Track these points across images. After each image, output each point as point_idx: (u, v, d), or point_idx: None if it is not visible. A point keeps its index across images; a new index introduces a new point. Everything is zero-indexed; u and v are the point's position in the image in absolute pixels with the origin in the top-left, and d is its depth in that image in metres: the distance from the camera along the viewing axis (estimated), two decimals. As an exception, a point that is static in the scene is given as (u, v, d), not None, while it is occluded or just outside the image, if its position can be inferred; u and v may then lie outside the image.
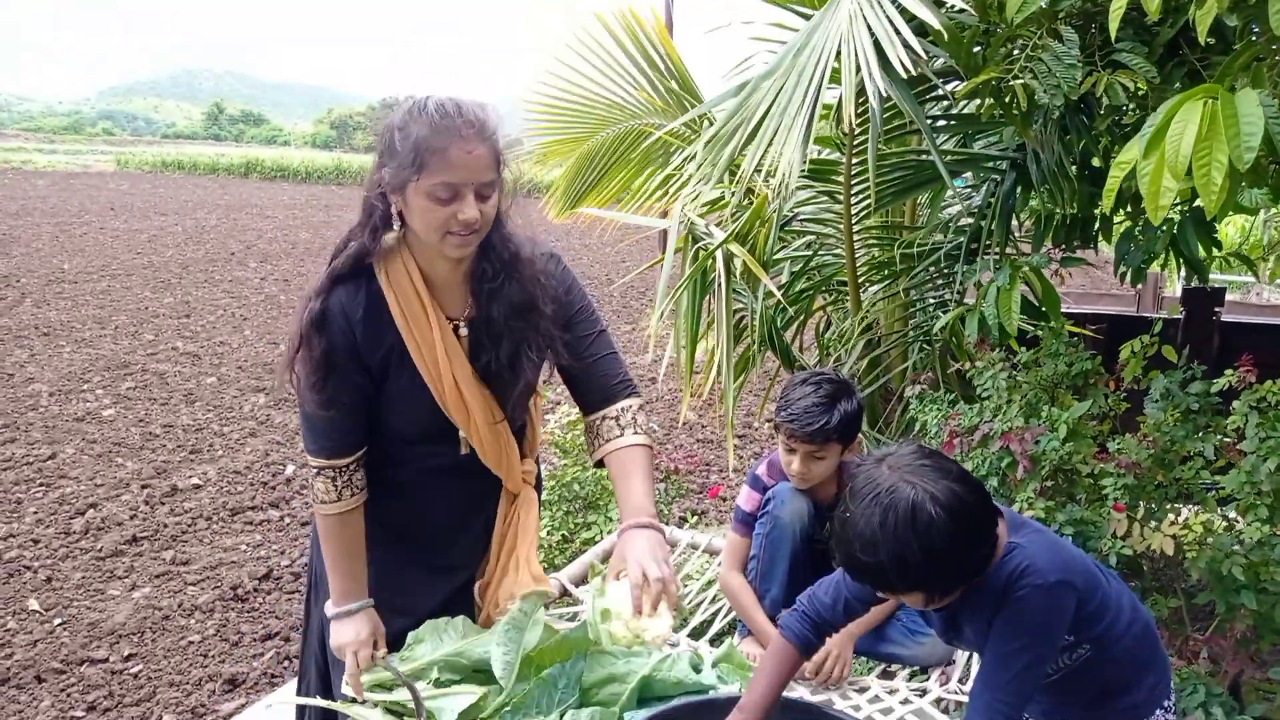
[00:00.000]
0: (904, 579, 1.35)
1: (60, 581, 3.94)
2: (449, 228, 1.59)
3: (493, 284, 1.72)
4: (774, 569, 2.17)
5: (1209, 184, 1.43)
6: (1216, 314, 3.88)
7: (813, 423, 2.03)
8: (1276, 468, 2.20)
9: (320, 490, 1.76)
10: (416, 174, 1.55)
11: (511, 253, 1.73)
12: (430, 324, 1.71)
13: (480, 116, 1.58)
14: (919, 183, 3.25)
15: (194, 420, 6.15)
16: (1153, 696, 1.57)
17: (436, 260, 1.70)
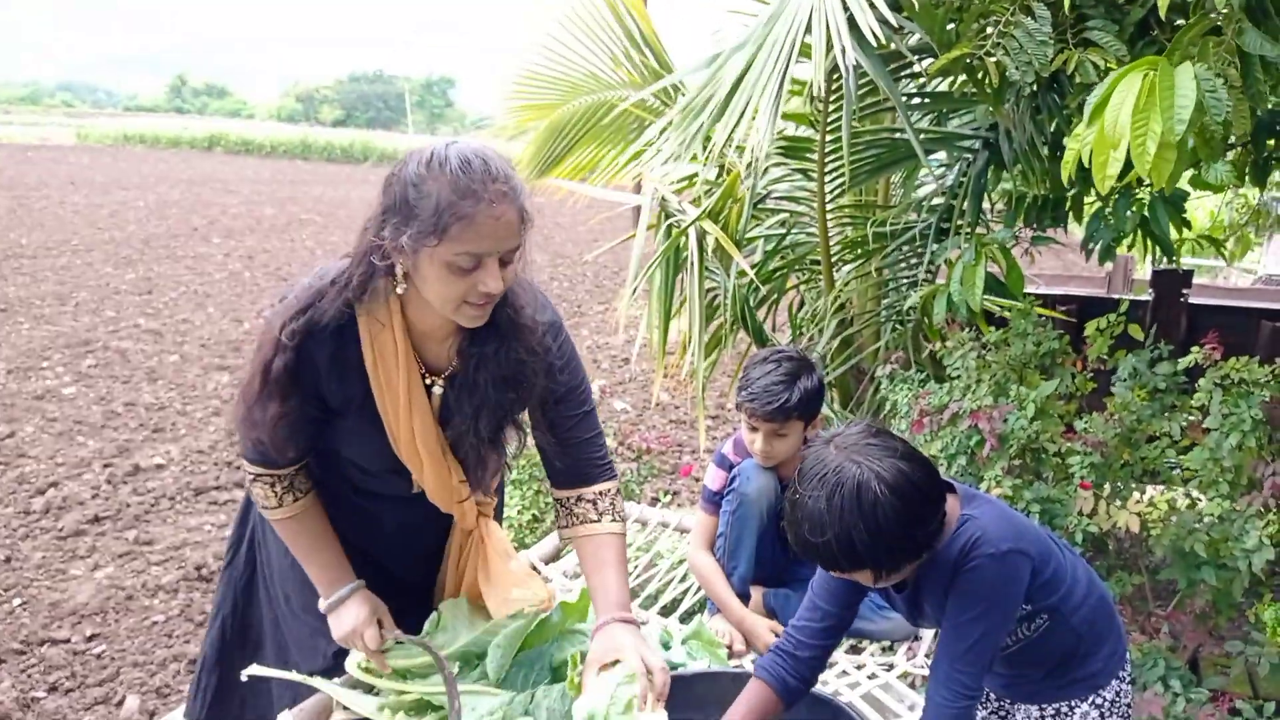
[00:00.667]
0: (851, 558, 1.37)
1: (20, 561, 3.86)
2: (467, 299, 1.43)
3: (484, 348, 1.56)
4: (741, 546, 2.17)
5: (1143, 154, 1.47)
6: (1184, 295, 3.92)
7: (773, 401, 2.02)
8: (1238, 444, 2.23)
9: (259, 495, 1.66)
10: (437, 240, 1.37)
11: (511, 318, 1.55)
12: (400, 380, 1.56)
13: (508, 173, 1.42)
14: (892, 161, 3.25)
15: (156, 399, 6.05)
16: (1109, 666, 1.59)
17: (429, 318, 1.54)
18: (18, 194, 15.83)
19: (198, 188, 18.91)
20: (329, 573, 1.69)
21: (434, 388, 1.62)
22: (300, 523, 1.68)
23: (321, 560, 1.69)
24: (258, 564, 1.88)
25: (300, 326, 1.50)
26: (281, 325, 1.51)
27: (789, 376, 2.04)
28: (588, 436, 1.71)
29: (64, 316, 7.97)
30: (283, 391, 1.52)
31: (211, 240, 12.41)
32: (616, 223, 13.39)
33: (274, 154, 30.73)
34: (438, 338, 1.59)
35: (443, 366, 1.62)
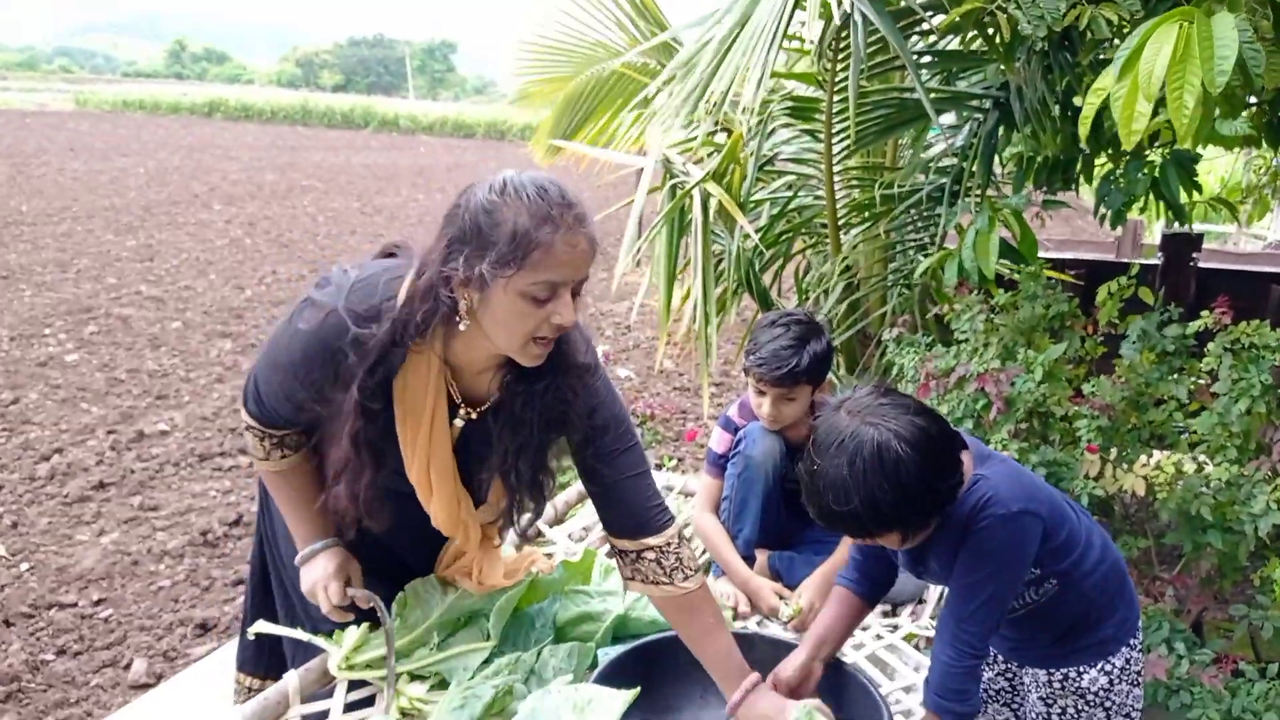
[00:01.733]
0: (879, 521, 1.35)
1: (26, 527, 3.88)
2: (539, 332, 1.38)
3: (534, 385, 1.49)
4: (746, 508, 2.16)
5: (1180, 107, 1.40)
6: (1194, 260, 3.88)
7: (781, 365, 2.00)
8: (1247, 409, 2.21)
9: (250, 443, 1.66)
10: (515, 269, 1.31)
11: (564, 355, 1.49)
12: (426, 408, 1.50)
13: (581, 201, 1.38)
14: (901, 122, 3.20)
15: (159, 365, 6.04)
16: (1119, 633, 1.58)
17: (480, 351, 1.47)
18: (17, 161, 15.73)
19: (198, 154, 18.79)
20: (306, 527, 1.68)
21: (457, 420, 1.55)
22: (285, 477, 1.67)
23: (302, 515, 1.68)
24: (262, 527, 1.89)
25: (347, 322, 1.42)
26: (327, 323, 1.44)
27: (798, 340, 2.02)
28: (635, 474, 1.60)
29: (65, 283, 7.95)
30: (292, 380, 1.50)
31: (212, 207, 12.34)
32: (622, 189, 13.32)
33: (274, 119, 30.49)
34: (476, 370, 1.53)
35: (478, 398, 1.56)
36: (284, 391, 1.54)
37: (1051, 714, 1.61)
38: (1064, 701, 1.60)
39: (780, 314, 2.13)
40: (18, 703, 2.82)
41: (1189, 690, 2.30)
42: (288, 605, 1.86)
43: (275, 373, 1.54)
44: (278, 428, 1.62)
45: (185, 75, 70.31)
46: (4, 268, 8.32)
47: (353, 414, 1.45)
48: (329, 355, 1.45)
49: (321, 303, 1.47)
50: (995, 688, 1.73)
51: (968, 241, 2.60)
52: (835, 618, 1.64)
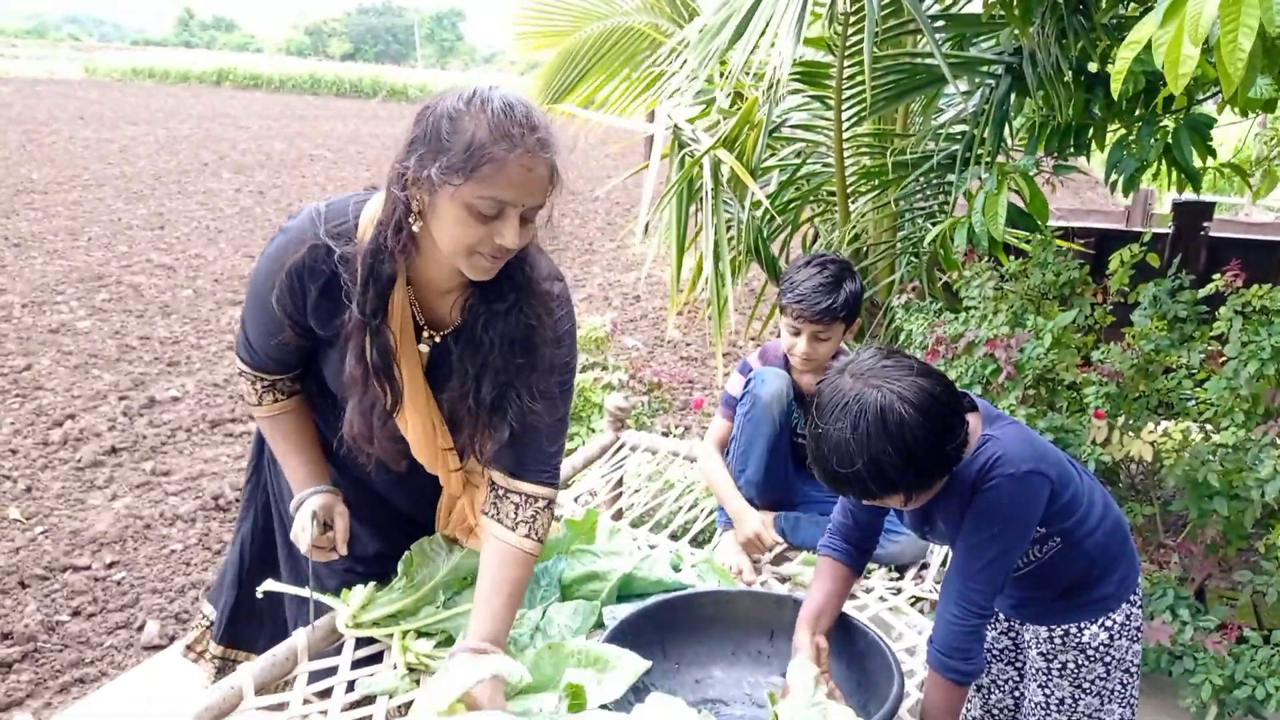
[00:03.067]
0: (883, 483, 1.35)
1: (40, 491, 3.92)
2: (480, 248, 1.36)
3: (494, 306, 1.47)
4: (752, 449, 2.17)
5: (1235, 51, 1.29)
6: (1205, 228, 3.85)
7: (820, 302, 2.03)
8: (1256, 373, 2.20)
9: (244, 389, 1.67)
10: (464, 180, 1.30)
11: (528, 276, 1.48)
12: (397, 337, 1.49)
13: (547, 127, 1.35)
14: (913, 87, 3.17)
15: (170, 333, 6.07)
16: (1121, 590, 1.59)
17: (438, 267, 1.46)
18: (27, 128, 15.73)
19: (207, 123, 18.74)
20: (301, 471, 1.67)
21: (422, 345, 1.54)
22: (279, 423, 1.67)
23: (297, 460, 1.67)
24: (269, 485, 1.89)
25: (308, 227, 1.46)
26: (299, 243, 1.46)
27: (834, 279, 2.06)
28: (550, 423, 1.58)
29: (77, 251, 7.97)
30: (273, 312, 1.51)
31: (222, 175, 12.33)
32: (629, 158, 13.18)
33: (282, 88, 30.36)
34: (440, 290, 1.52)
35: (443, 322, 1.55)
36: (270, 329, 1.54)
37: (1052, 669, 1.63)
38: (1064, 657, 1.61)
39: (813, 255, 2.16)
40: (34, 662, 2.87)
41: (1192, 656, 2.32)
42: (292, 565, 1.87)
43: (259, 311, 1.55)
44: (268, 372, 1.64)
45: (194, 43, 69.96)
46: (15, 235, 8.35)
47: (355, 332, 1.45)
48: (309, 277, 1.46)
49: (293, 229, 1.48)
50: (999, 646, 1.74)
51: (977, 205, 2.58)
52: (827, 592, 1.62)
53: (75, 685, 2.78)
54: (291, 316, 1.51)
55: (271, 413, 1.67)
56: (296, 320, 1.52)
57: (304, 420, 1.70)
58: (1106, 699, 1.62)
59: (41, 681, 2.79)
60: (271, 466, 1.87)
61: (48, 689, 2.76)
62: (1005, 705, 1.78)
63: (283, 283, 1.47)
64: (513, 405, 1.52)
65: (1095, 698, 1.62)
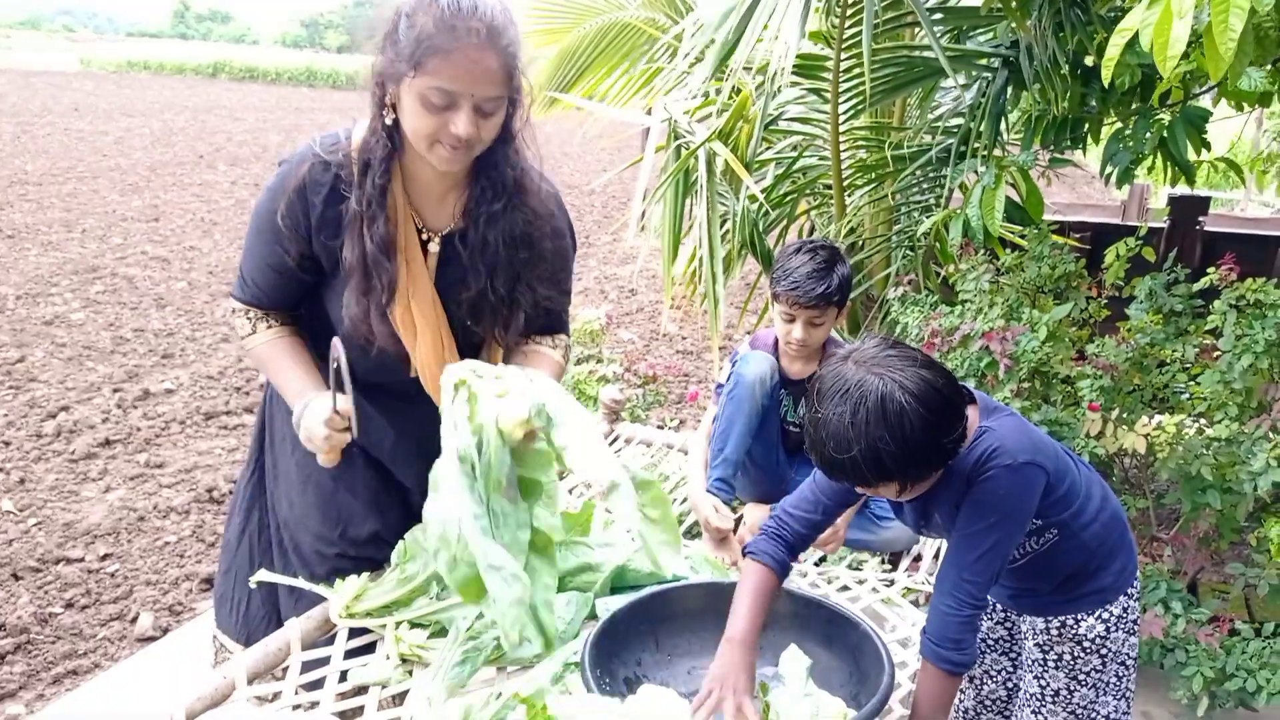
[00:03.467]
0: (879, 472, 1.35)
1: (33, 483, 3.91)
2: (438, 138, 1.45)
3: (492, 207, 1.58)
4: (732, 426, 2.17)
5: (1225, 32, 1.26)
6: (1201, 223, 3.85)
7: (815, 288, 2.06)
8: (1250, 366, 2.21)
9: (240, 327, 1.70)
10: (412, 71, 1.39)
11: (517, 177, 1.59)
12: (400, 233, 1.58)
13: (498, 21, 1.41)
14: (909, 80, 3.16)
15: (165, 325, 6.06)
16: (1118, 582, 1.59)
17: (424, 165, 1.55)
18: (22, 120, 15.66)
19: (203, 115, 18.68)
20: (301, 383, 1.65)
21: (430, 244, 1.62)
22: (276, 345, 1.69)
23: (296, 374, 1.66)
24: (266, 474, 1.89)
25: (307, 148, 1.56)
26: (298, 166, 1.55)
27: (826, 264, 2.08)
28: (560, 300, 1.76)
29: (71, 243, 7.95)
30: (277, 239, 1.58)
31: (217, 168, 12.30)
32: (626, 152, 13.17)
33: (278, 81, 30.28)
34: (436, 194, 1.61)
35: (442, 225, 1.63)
36: (273, 260, 1.60)
37: (1048, 660, 1.63)
38: (1060, 649, 1.61)
39: (803, 241, 2.18)
40: (27, 654, 2.87)
41: (1184, 648, 2.33)
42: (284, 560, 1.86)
43: (261, 242, 1.60)
44: (263, 307, 1.68)
45: (189, 35, 69.67)
46: (10, 227, 8.32)
47: (354, 224, 1.54)
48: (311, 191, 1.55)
49: (292, 158, 1.59)
50: (994, 637, 1.74)
51: (973, 198, 2.57)
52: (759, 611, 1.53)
53: (68, 677, 2.78)
54: (298, 235, 1.57)
55: (267, 338, 1.69)
56: (303, 241, 1.58)
57: (300, 344, 1.72)
58: (1102, 691, 1.62)
59: (34, 673, 2.78)
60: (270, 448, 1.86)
61: (41, 680, 2.76)
62: (998, 696, 1.78)
63: (288, 200, 1.55)
64: (525, 296, 1.66)
65: (1091, 689, 1.62)
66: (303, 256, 1.60)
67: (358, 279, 1.56)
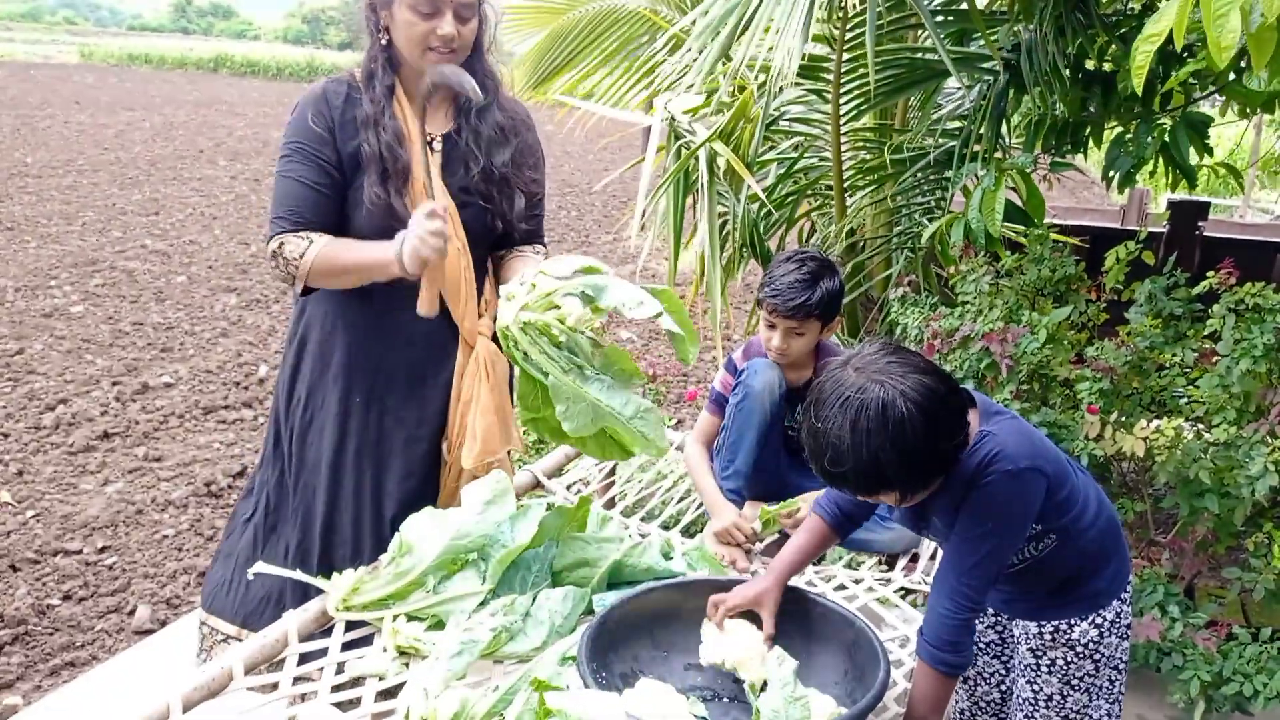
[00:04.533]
0: (878, 481, 1.34)
1: (32, 475, 3.91)
2: (429, 43, 1.77)
3: (477, 108, 1.89)
4: (742, 439, 2.16)
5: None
6: (1200, 228, 3.86)
7: (795, 298, 2.04)
8: (1249, 370, 2.21)
9: (290, 250, 1.82)
10: None
11: (493, 85, 1.92)
12: (408, 130, 1.85)
13: None
14: (911, 82, 3.17)
15: (164, 319, 6.06)
16: (1112, 587, 1.59)
17: (417, 79, 1.85)
18: (22, 113, 15.65)
19: (203, 109, 18.67)
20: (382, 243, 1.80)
21: (434, 144, 1.92)
22: (335, 243, 1.84)
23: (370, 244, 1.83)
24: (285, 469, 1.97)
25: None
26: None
27: (812, 276, 2.06)
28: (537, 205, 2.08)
29: (71, 236, 7.94)
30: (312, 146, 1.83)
31: (218, 162, 12.29)
32: (626, 152, 13.16)
33: (279, 76, 30.23)
34: (433, 104, 1.91)
35: (439, 129, 1.94)
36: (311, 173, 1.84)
37: (1040, 665, 1.63)
38: (1054, 653, 1.61)
39: (795, 250, 2.17)
40: (25, 645, 2.87)
41: (1181, 652, 2.33)
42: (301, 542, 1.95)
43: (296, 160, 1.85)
44: (310, 226, 1.85)
45: (191, 29, 69.57)
46: (9, 219, 8.31)
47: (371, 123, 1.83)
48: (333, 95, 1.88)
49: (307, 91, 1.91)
50: (985, 640, 1.74)
51: (974, 201, 2.58)
52: (805, 547, 1.68)
53: (66, 669, 2.78)
54: (327, 133, 1.84)
55: (326, 239, 1.84)
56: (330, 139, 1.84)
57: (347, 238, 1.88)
58: (1094, 695, 1.62)
59: (32, 664, 2.78)
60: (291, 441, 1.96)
61: (38, 672, 2.76)
62: (992, 699, 1.78)
63: (314, 106, 1.86)
64: (518, 177, 1.97)
65: (1083, 694, 1.62)
66: (327, 159, 1.85)
67: (375, 168, 1.83)
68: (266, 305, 6.51)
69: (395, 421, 1.95)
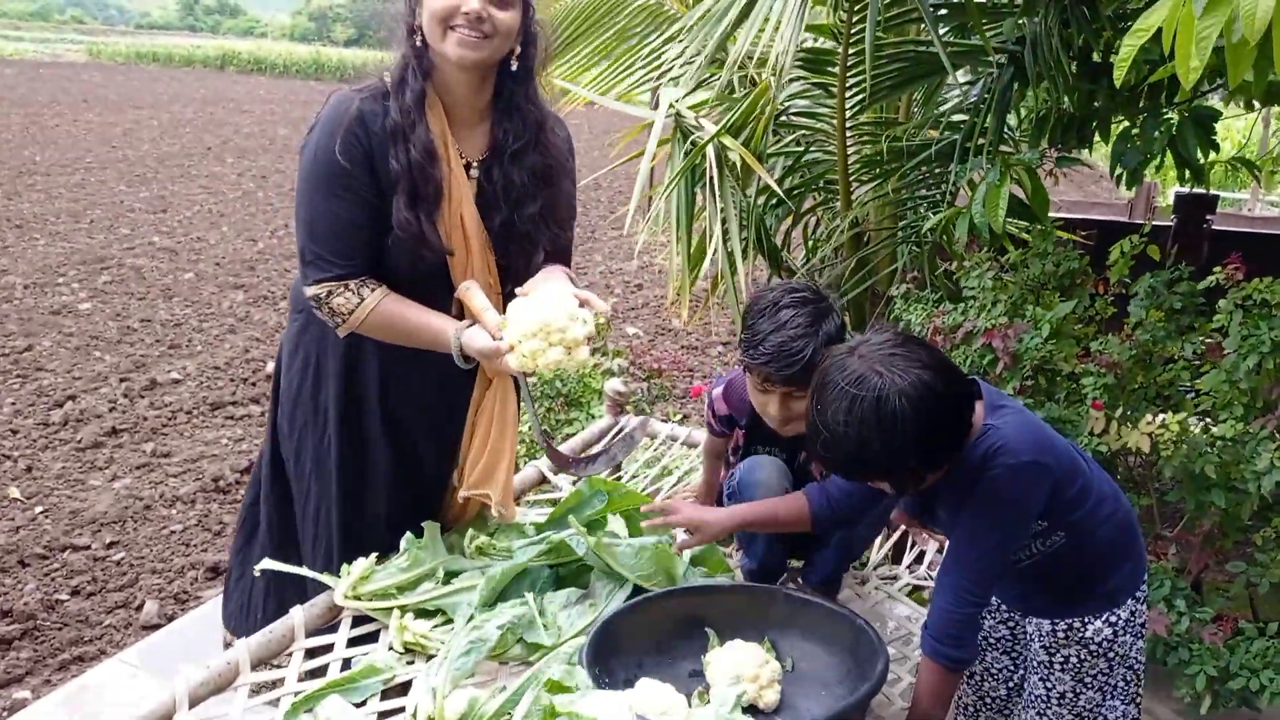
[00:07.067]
0: (865, 468, 1.37)
1: (40, 471, 3.94)
2: (454, 21, 1.62)
3: (516, 145, 1.74)
4: (755, 538, 1.89)
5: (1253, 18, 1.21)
6: (1208, 222, 3.84)
7: (793, 361, 1.61)
8: (1256, 366, 2.20)
9: (340, 305, 1.69)
10: None
11: (537, 118, 1.77)
12: (446, 154, 1.72)
13: None
14: (915, 76, 3.15)
15: (172, 315, 6.08)
16: (1127, 585, 1.58)
17: (455, 89, 1.72)
18: (31, 111, 15.70)
19: (211, 107, 18.71)
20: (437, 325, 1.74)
21: (471, 171, 1.78)
22: (388, 305, 1.72)
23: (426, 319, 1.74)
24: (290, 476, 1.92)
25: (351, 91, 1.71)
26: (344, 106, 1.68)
27: (809, 325, 1.63)
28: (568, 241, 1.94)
29: (79, 233, 7.98)
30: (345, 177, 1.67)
31: (225, 160, 12.33)
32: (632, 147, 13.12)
33: (286, 73, 30.29)
34: (469, 121, 1.77)
35: (476, 154, 1.79)
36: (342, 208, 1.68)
37: (1054, 662, 1.61)
38: (1067, 651, 1.59)
39: (779, 290, 1.71)
40: (33, 639, 2.89)
41: (1187, 647, 2.32)
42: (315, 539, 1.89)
43: (323, 195, 1.68)
44: (355, 270, 1.71)
45: (198, 27, 69.71)
46: (18, 217, 8.35)
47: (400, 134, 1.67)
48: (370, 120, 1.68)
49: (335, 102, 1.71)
50: (996, 635, 1.73)
51: (978, 196, 2.57)
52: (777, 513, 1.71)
53: (74, 663, 2.80)
54: (361, 166, 1.67)
55: (377, 299, 1.71)
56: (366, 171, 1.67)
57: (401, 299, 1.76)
58: (1109, 694, 1.61)
59: (41, 659, 2.81)
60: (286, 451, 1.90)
61: (47, 666, 2.78)
62: (998, 695, 1.78)
63: (345, 135, 1.66)
64: (543, 233, 1.81)
65: (1097, 693, 1.60)
66: (369, 190, 1.69)
67: (405, 185, 1.68)
68: (274, 302, 6.53)
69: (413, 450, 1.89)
